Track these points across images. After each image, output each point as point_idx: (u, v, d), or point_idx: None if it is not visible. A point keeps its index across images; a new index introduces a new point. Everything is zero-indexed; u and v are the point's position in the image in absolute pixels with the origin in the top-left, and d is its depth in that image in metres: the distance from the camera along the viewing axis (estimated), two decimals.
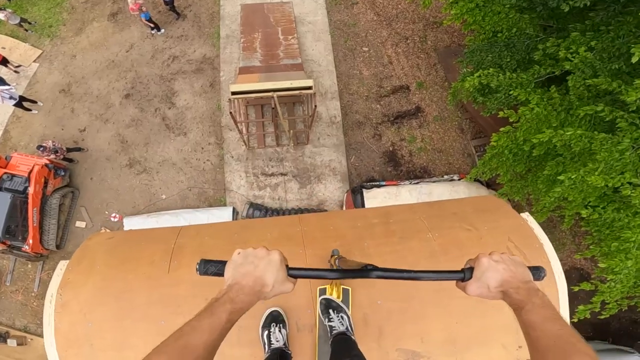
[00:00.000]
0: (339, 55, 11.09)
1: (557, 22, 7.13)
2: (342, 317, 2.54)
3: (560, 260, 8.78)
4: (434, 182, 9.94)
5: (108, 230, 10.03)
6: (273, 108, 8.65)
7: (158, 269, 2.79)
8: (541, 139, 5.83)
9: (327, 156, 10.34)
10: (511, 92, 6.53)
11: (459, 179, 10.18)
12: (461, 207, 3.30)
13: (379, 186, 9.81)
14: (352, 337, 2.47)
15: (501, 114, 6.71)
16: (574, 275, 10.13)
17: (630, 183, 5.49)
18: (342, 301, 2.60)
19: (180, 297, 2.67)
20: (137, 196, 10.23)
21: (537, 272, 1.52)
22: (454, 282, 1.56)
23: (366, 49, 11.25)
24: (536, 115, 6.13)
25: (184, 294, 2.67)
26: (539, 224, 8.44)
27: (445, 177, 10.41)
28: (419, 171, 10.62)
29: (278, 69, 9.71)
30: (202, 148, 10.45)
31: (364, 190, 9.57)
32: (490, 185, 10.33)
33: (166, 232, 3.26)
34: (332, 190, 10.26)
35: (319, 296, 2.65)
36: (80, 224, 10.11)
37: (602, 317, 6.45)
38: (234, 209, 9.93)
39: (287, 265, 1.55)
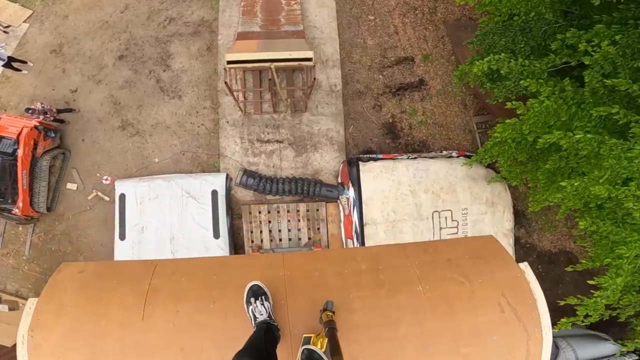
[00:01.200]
0: (343, 22, 10.65)
1: (581, 9, 6.59)
2: None
3: (551, 243, 8.80)
4: (431, 157, 9.72)
5: (99, 194, 9.90)
6: (270, 79, 8.32)
7: (131, 313, 2.73)
8: (548, 140, 5.54)
9: (324, 125, 10.08)
10: (521, 82, 6.12)
11: (457, 156, 9.95)
12: (456, 252, 3.18)
13: (375, 159, 9.60)
14: None
15: (509, 105, 6.33)
16: (562, 259, 10.19)
17: (634, 196, 5.24)
18: (325, 353, 2.45)
19: (153, 346, 2.64)
20: (129, 159, 10.05)
21: None
22: (438, 344, 1.40)
23: (372, 17, 10.79)
24: (545, 109, 5.78)
25: (158, 342, 2.63)
26: (534, 212, 8.30)
27: (444, 152, 10.18)
28: (418, 145, 10.38)
29: (278, 35, 9.31)
30: (197, 112, 10.19)
31: (360, 162, 9.36)
32: (489, 164, 10.11)
33: (140, 268, 3.12)
34: (328, 160, 10.06)
35: (302, 345, 2.55)
36: (71, 185, 9.97)
37: (583, 324, 6.48)
38: (227, 175, 9.76)
39: None
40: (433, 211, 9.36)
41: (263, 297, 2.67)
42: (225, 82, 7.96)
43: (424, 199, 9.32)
